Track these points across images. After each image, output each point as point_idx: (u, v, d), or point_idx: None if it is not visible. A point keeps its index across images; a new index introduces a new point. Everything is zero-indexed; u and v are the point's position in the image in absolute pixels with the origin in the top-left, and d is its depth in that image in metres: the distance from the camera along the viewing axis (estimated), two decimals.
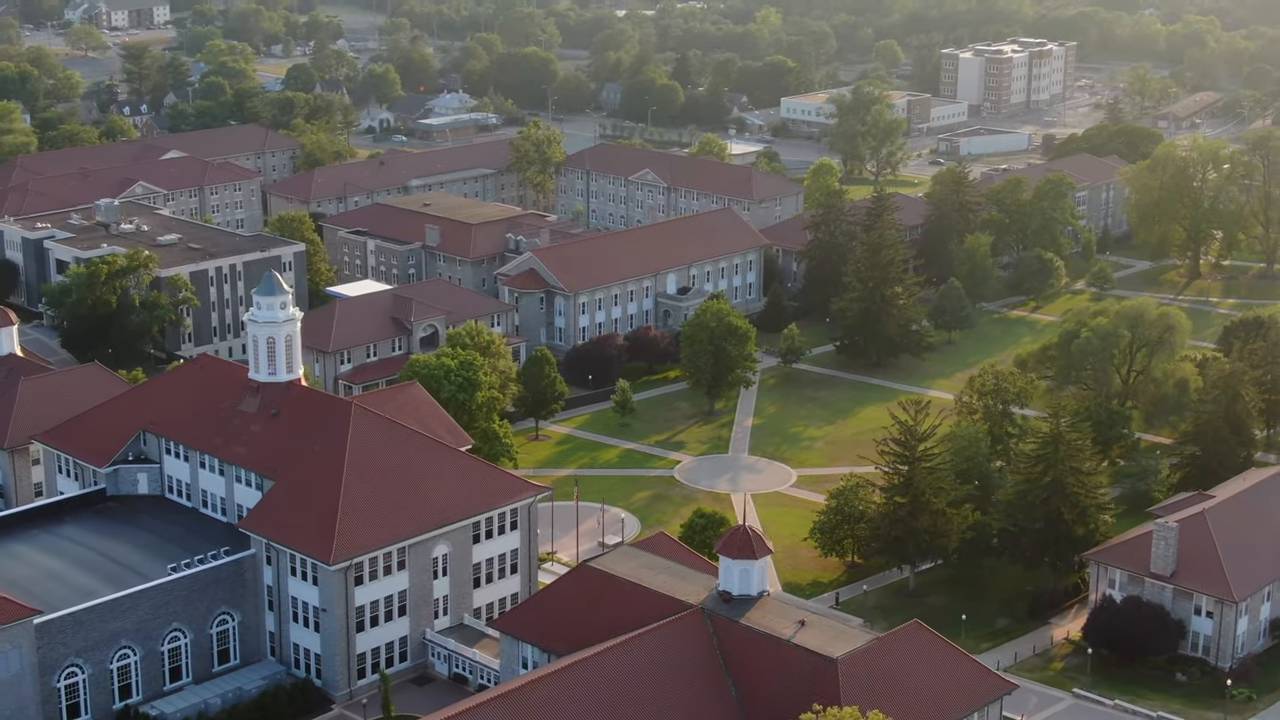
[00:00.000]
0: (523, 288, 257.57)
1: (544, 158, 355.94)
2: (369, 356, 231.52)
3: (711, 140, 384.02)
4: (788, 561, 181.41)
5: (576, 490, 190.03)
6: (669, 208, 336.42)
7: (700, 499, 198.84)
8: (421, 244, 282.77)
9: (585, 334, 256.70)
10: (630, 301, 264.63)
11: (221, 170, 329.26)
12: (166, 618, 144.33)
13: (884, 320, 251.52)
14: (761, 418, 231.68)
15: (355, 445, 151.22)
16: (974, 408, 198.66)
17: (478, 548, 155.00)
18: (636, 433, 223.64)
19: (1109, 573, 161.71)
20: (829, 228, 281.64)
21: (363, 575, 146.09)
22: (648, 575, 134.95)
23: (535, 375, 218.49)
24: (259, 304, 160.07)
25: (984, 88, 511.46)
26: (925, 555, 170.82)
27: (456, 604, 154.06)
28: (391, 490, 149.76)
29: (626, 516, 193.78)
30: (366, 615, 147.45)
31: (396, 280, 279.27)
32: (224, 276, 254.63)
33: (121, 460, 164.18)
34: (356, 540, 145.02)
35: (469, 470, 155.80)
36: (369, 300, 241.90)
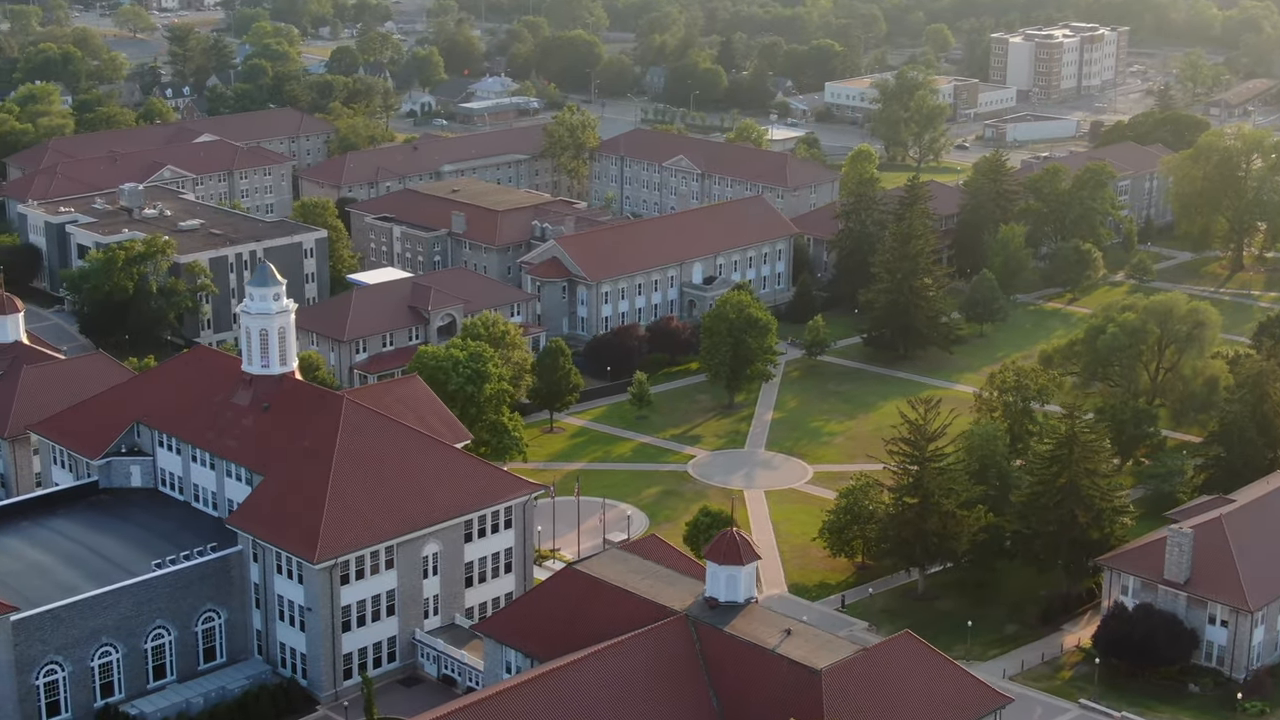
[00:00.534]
0: (545, 276, 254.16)
1: (578, 143, 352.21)
2: (385, 346, 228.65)
3: (749, 126, 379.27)
4: (796, 562, 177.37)
5: (578, 486, 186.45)
6: (702, 194, 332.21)
7: (712, 495, 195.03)
8: (448, 231, 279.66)
9: (608, 324, 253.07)
10: (655, 291, 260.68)
11: (251, 155, 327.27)
12: (149, 615, 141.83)
13: (912, 312, 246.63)
14: (782, 411, 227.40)
15: (345, 441, 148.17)
16: (994, 404, 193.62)
17: (470, 546, 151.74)
18: (653, 426, 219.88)
19: (1122, 579, 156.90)
20: (860, 217, 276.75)
21: (349, 574, 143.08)
22: (634, 579, 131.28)
23: (549, 367, 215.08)
24: (251, 295, 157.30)
25: (1034, 73, 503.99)
26: (934, 558, 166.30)
27: (448, 604, 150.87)
28: (381, 487, 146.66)
29: (635, 513, 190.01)
30: (353, 615, 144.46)
31: (422, 267, 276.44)
32: (244, 263, 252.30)
33: (114, 453, 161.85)
34: (343, 538, 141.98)
35: (462, 467, 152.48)
36: (387, 288, 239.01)
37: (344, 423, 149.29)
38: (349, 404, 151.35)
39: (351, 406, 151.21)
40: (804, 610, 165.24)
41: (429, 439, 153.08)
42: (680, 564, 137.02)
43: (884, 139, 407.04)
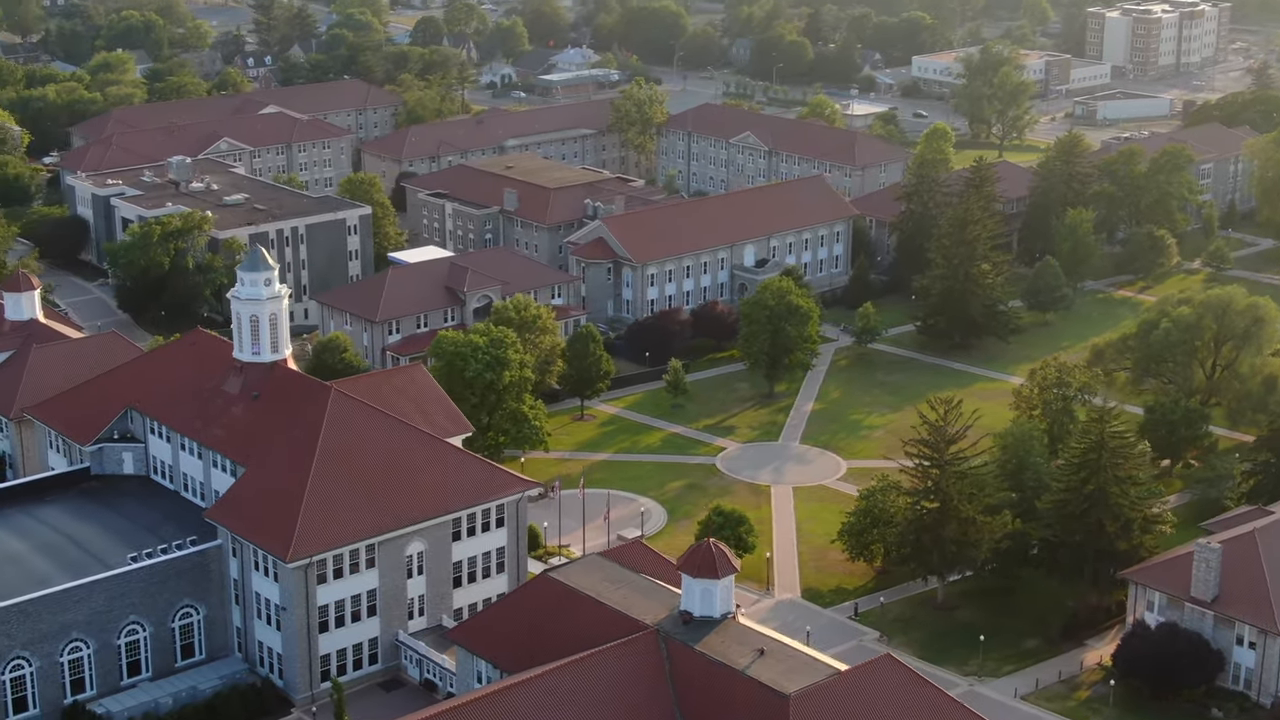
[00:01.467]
0: (590, 257, 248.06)
1: (645, 118, 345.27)
2: (419, 327, 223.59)
3: (823, 102, 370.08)
4: (815, 564, 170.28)
5: (582, 481, 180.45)
6: (770, 172, 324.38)
7: (737, 491, 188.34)
8: (499, 208, 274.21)
9: (654, 307, 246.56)
10: (704, 274, 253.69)
11: (311, 127, 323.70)
12: (123, 610, 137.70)
13: (968, 300, 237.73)
14: (823, 402, 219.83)
15: (330, 433, 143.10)
16: (1034, 402, 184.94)
17: (458, 545, 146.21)
18: (688, 415, 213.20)
19: (1147, 594, 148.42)
20: (922, 198, 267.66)
21: (326, 573, 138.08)
22: (609, 589, 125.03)
23: (579, 353, 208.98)
24: (242, 280, 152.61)
25: (1130, 49, 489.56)
26: (952, 566, 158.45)
27: (434, 605, 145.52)
28: (364, 482, 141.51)
29: (653, 507, 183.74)
30: (331, 615, 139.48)
31: (473, 245, 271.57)
32: (285, 239, 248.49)
33: (107, 438, 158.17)
34: (320, 536, 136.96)
35: (453, 463, 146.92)
36: (424, 268, 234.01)
37: (330, 415, 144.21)
38: (336, 395, 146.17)
39: (339, 398, 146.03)
40: (815, 617, 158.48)
41: (419, 433, 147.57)
42: (664, 572, 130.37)
43: (967, 116, 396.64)
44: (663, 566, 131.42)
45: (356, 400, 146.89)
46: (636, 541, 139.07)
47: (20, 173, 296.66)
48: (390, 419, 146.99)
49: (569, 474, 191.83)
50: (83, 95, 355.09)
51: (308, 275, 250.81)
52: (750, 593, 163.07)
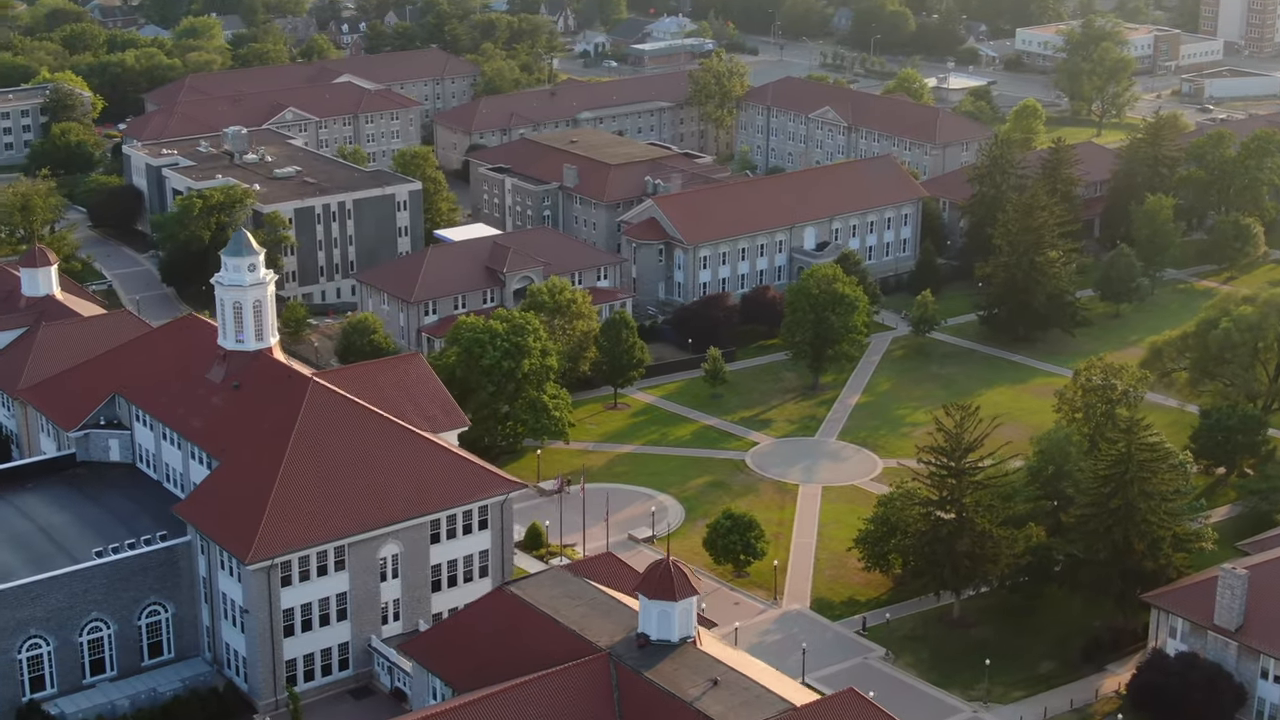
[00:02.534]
0: (641, 238, 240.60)
1: (723, 91, 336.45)
2: (457, 308, 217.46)
3: (911, 76, 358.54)
4: (832, 572, 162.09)
5: (582, 479, 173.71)
6: (849, 148, 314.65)
7: (763, 490, 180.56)
8: (559, 184, 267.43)
9: (706, 290, 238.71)
10: (760, 257, 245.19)
11: (379, 98, 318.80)
12: (85, 607, 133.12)
13: (1031, 289, 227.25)
14: (870, 395, 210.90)
15: (304, 429, 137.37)
16: (1076, 405, 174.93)
17: (438, 548, 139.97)
18: (726, 406, 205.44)
19: (1169, 620, 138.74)
20: (994, 180, 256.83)
21: (291, 575, 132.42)
22: (568, 606, 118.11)
23: (612, 340, 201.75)
24: (226, 265, 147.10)
25: (1245, 25, 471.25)
26: (965, 581, 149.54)
27: (410, 609, 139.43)
28: (337, 481, 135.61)
29: (672, 505, 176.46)
30: (297, 618, 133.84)
31: (531, 222, 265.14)
32: (331, 214, 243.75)
33: (93, 424, 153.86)
34: (284, 537, 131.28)
35: (436, 461, 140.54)
36: (465, 248, 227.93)
37: (306, 408, 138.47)
38: (315, 388, 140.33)
39: (318, 391, 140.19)
40: (819, 631, 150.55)
41: (402, 429, 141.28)
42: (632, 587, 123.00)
43: (1067, 92, 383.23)
44: (631, 582, 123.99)
45: (337, 394, 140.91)
46: (607, 554, 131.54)
47: (83, 140, 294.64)
48: (371, 414, 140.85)
49: (590, 466, 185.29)
50: (161, 61, 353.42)
51: (355, 251, 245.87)
52: (757, 602, 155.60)
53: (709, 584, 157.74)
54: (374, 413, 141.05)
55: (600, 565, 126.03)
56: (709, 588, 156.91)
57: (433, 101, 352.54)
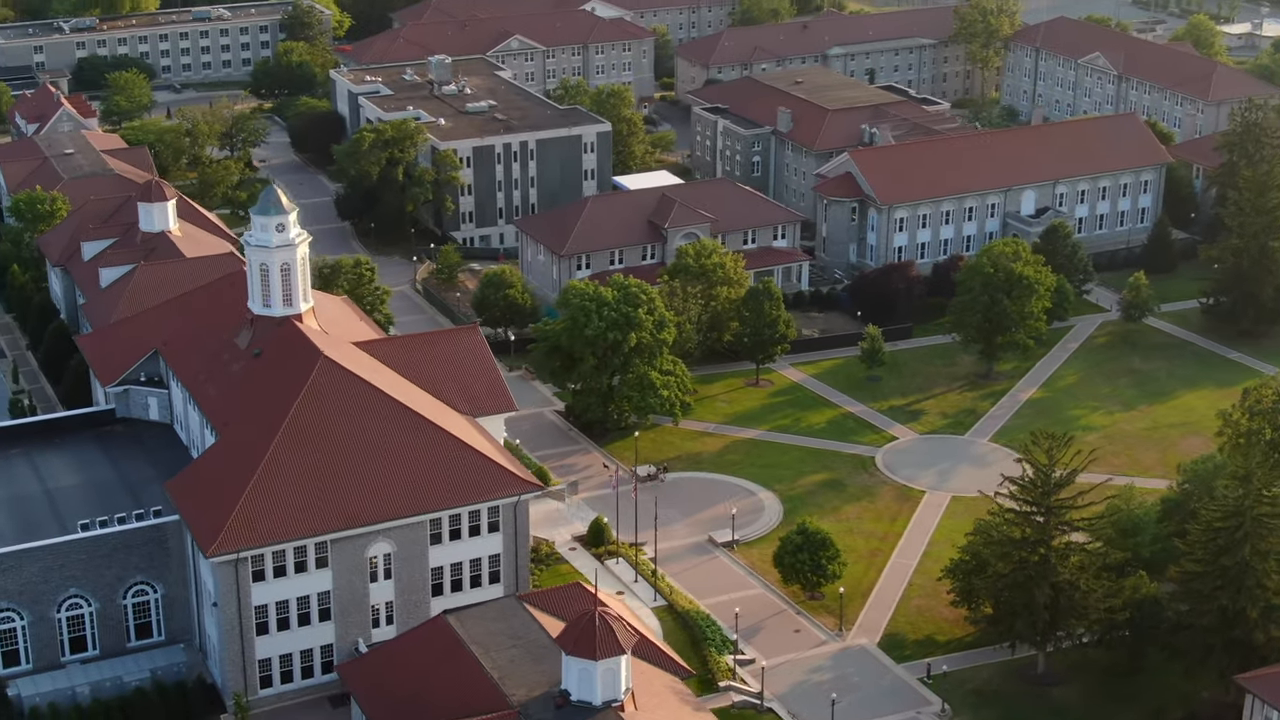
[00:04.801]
0: (833, 194, 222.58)
1: (990, 30, 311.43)
2: (613, 264, 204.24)
3: (1201, 22, 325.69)
4: (919, 601, 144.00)
5: (661, 469, 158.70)
6: (1118, 100, 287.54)
7: (881, 495, 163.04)
8: (772, 128, 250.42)
9: (901, 255, 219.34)
10: (967, 221, 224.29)
11: (612, 27, 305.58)
12: (62, 583, 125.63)
13: (1261, 278, 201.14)
14: (1049, 390, 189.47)
15: (303, 411, 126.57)
16: (1240, 430, 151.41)
17: (439, 549, 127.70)
18: (879, 391, 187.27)
19: (1265, 710, 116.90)
20: (1246, 150, 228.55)
21: (264, 570, 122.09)
22: (499, 647, 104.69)
23: (755, 312, 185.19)
24: (253, 223, 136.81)
25: None
26: (1044, 636, 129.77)
27: (406, 613, 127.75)
28: (329, 470, 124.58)
29: (772, 505, 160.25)
30: (271, 616, 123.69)
31: (740, 168, 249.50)
32: (513, 154, 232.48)
33: (133, 379, 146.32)
34: (256, 529, 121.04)
35: (445, 455, 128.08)
36: (629, 199, 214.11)
37: (310, 388, 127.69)
38: (324, 365, 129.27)
39: (327, 369, 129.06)
40: (878, 674, 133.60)
41: (415, 418, 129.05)
42: None
43: None
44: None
45: (347, 374, 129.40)
46: (576, 584, 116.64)
47: (306, 60, 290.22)
48: (383, 398, 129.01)
49: (699, 452, 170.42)
50: None
51: (536, 194, 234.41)
52: (820, 631, 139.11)
53: (773, 604, 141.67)
54: (386, 397, 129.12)
55: (563, 598, 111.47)
56: (770, 609, 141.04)
57: (686, 30, 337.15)
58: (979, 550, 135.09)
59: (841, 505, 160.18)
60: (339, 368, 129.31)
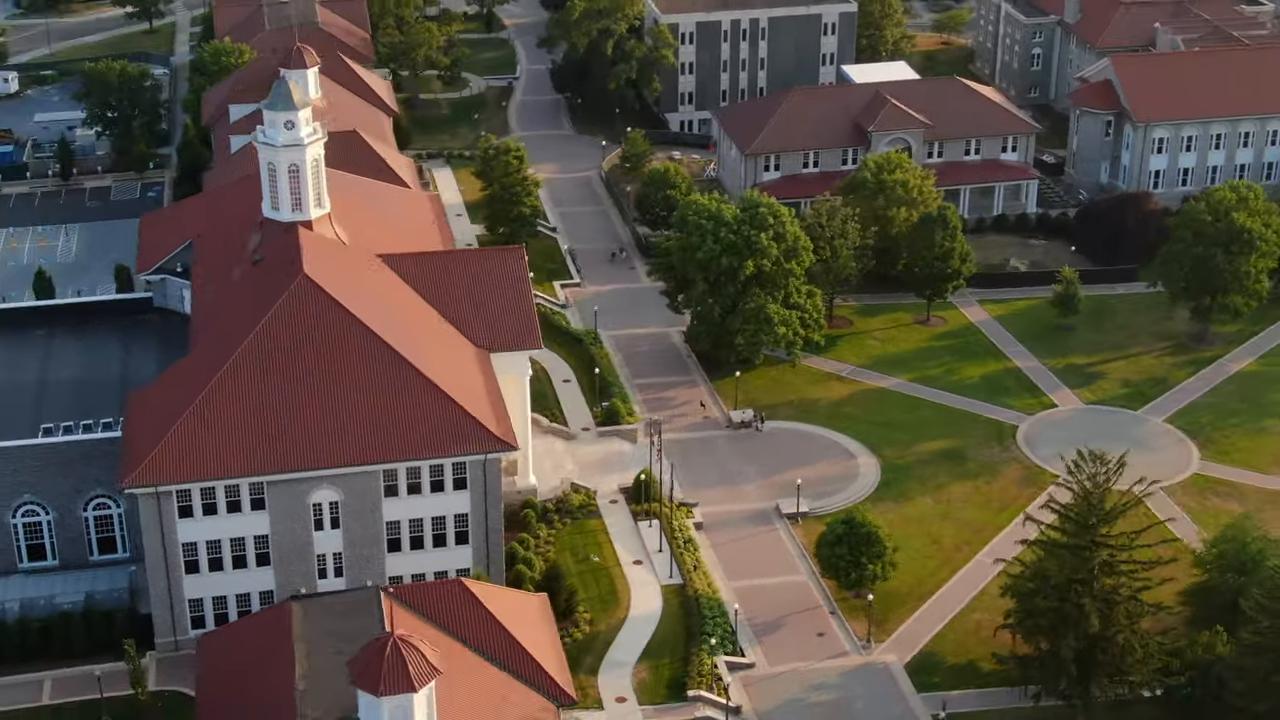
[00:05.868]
0: (1088, 105, 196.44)
1: None
2: (805, 166, 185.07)
3: None
4: (980, 617, 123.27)
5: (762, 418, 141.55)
6: None
7: (1001, 475, 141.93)
8: (1058, 18, 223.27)
9: (1158, 182, 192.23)
10: (1243, 148, 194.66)
11: None
12: (15, 488, 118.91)
13: None
14: (1268, 363, 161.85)
15: (266, 335, 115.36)
16: None
17: (396, 503, 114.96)
18: (1065, 344, 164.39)
19: None
20: None
21: (191, 506, 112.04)
22: (323, 649, 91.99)
23: (924, 241, 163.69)
24: (264, 118, 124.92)
25: None
26: (1072, 688, 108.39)
27: (358, 567, 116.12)
28: (280, 406, 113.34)
29: (869, 473, 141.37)
30: (202, 555, 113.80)
31: (1017, 61, 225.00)
32: (742, 31, 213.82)
33: (170, 269, 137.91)
34: (181, 463, 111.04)
35: (412, 400, 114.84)
36: (838, 94, 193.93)
37: (277, 310, 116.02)
38: (300, 286, 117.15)
39: (303, 289, 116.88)
40: (888, 703, 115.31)
41: (391, 354, 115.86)
42: (475, 628, 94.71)
43: None
44: (476, 619, 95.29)
45: (326, 297, 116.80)
46: (458, 583, 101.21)
47: None
48: (358, 330, 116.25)
49: (817, 400, 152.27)
50: None
51: (765, 77, 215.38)
52: (846, 640, 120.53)
53: (810, 598, 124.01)
54: (362, 329, 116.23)
55: (442, 597, 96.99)
56: (805, 602, 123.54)
57: None
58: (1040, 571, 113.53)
59: (949, 483, 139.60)
60: (317, 290, 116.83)
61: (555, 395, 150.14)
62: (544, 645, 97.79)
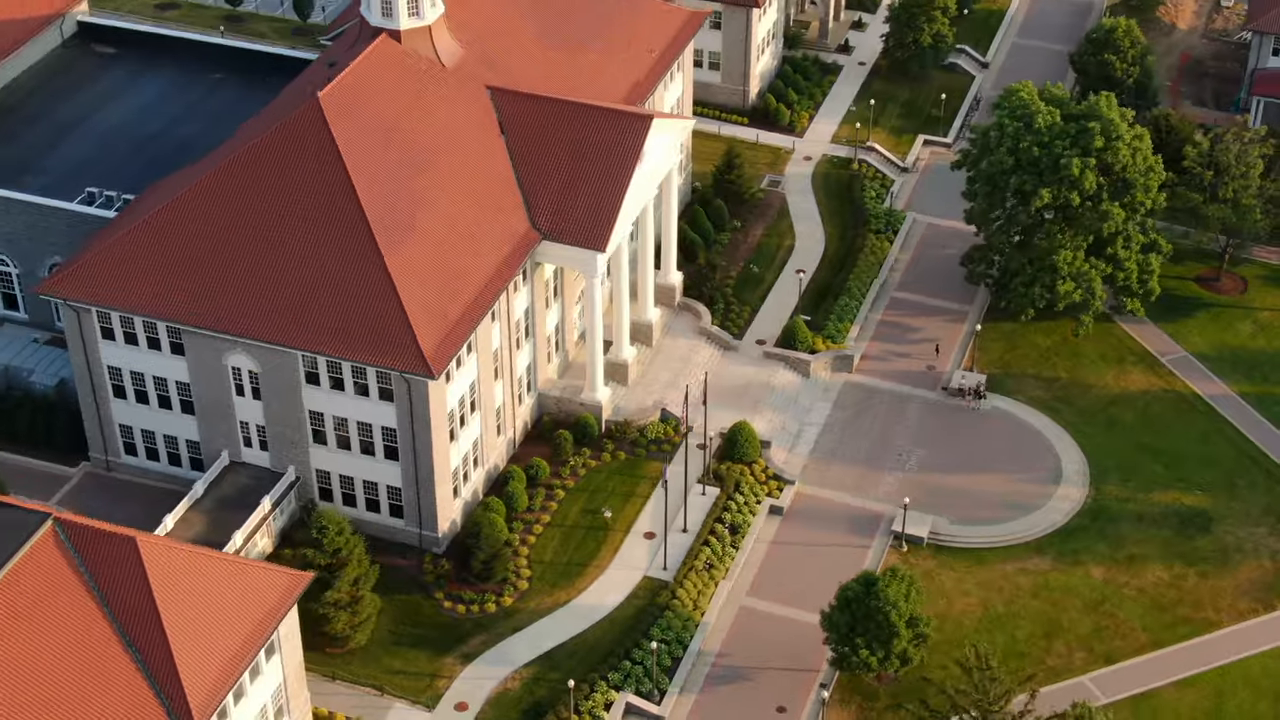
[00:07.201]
0: None
1: None
2: None
3: None
4: None
5: (976, 389, 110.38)
6: None
7: (1245, 571, 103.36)
8: None
9: None
10: None
11: None
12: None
13: None
14: None
15: (237, 167, 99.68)
16: None
17: (318, 394, 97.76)
18: None
19: None
20: None
21: (113, 330, 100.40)
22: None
23: None
24: None
25: None
26: None
27: (281, 448, 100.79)
28: (217, 254, 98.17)
29: (1070, 494, 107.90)
30: (127, 383, 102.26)
31: None
32: None
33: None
34: (97, 283, 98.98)
35: (353, 290, 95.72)
36: None
37: (266, 141, 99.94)
38: (307, 112, 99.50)
39: (308, 119, 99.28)
40: None
41: (363, 232, 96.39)
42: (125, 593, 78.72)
43: None
44: (132, 587, 78.79)
45: (328, 142, 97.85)
46: (130, 540, 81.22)
47: None
48: (345, 189, 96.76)
49: (1091, 386, 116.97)
50: None
51: None
52: None
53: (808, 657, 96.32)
54: (348, 188, 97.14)
55: (114, 548, 79.77)
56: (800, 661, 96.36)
57: None
58: None
59: (1154, 556, 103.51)
60: (321, 125, 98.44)
61: (767, 285, 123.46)
62: (208, 651, 78.71)
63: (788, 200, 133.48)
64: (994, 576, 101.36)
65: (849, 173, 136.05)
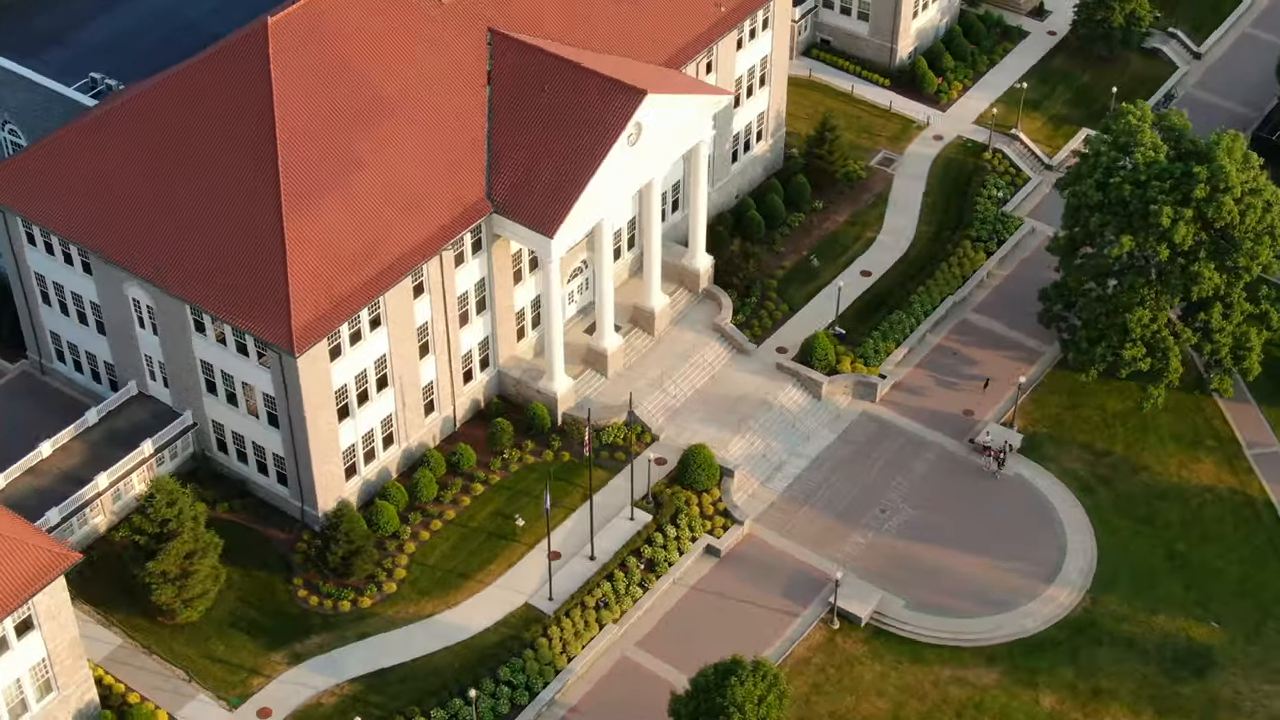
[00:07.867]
0: None
1: None
2: None
3: None
4: None
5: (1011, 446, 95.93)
6: None
7: None
8: None
9: None
10: None
11: None
12: None
13: None
14: None
15: (168, 89, 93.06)
16: None
17: (203, 344, 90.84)
18: None
19: None
20: None
21: (35, 237, 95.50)
22: None
23: None
24: None
25: None
26: None
27: (179, 390, 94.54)
28: (129, 181, 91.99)
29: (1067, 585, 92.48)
30: (51, 291, 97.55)
31: None
32: None
33: None
34: (20, 190, 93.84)
35: (247, 246, 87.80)
36: None
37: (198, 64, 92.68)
38: (249, 39, 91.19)
39: (248, 46, 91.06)
40: None
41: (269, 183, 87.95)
42: None
43: None
44: None
45: (264, 73, 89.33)
46: None
47: None
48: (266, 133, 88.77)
49: (1147, 470, 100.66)
50: None
51: None
52: None
53: None
54: (269, 132, 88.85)
55: None
56: None
57: None
58: None
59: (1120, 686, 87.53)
60: (261, 56, 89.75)
61: (821, 282, 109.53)
62: None
63: (893, 184, 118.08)
64: (922, 682, 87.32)
65: (977, 162, 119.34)
